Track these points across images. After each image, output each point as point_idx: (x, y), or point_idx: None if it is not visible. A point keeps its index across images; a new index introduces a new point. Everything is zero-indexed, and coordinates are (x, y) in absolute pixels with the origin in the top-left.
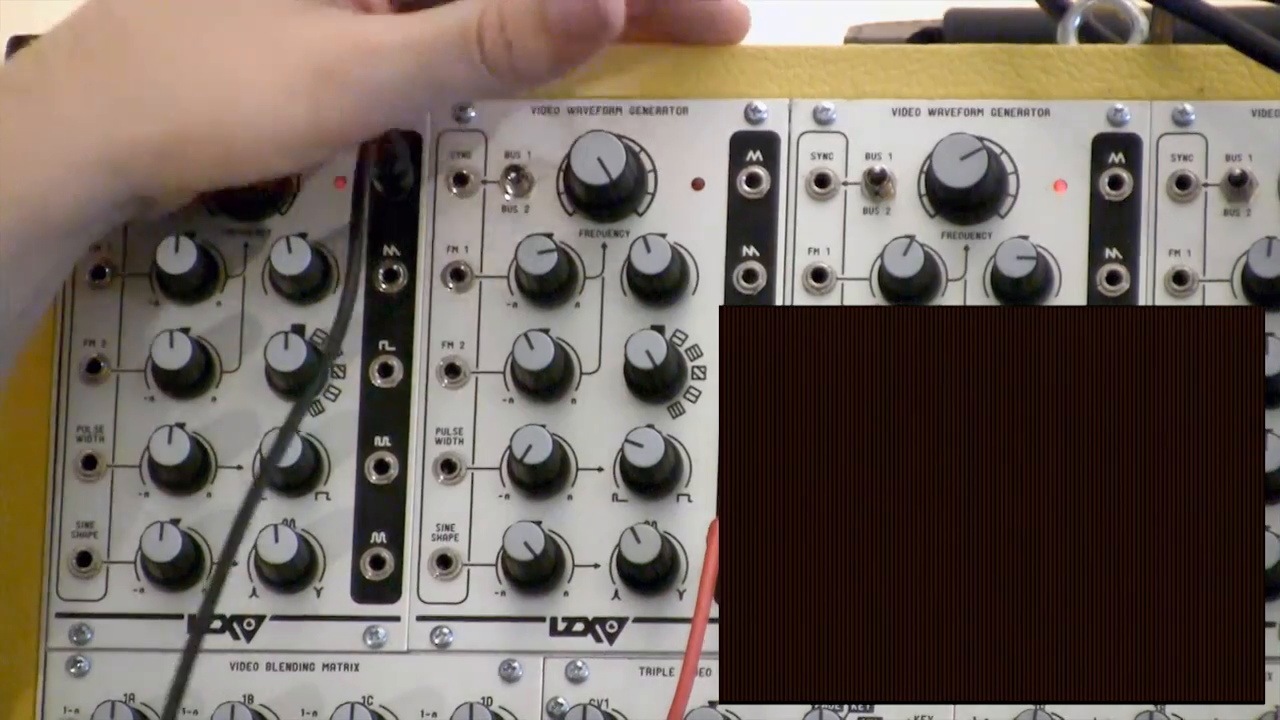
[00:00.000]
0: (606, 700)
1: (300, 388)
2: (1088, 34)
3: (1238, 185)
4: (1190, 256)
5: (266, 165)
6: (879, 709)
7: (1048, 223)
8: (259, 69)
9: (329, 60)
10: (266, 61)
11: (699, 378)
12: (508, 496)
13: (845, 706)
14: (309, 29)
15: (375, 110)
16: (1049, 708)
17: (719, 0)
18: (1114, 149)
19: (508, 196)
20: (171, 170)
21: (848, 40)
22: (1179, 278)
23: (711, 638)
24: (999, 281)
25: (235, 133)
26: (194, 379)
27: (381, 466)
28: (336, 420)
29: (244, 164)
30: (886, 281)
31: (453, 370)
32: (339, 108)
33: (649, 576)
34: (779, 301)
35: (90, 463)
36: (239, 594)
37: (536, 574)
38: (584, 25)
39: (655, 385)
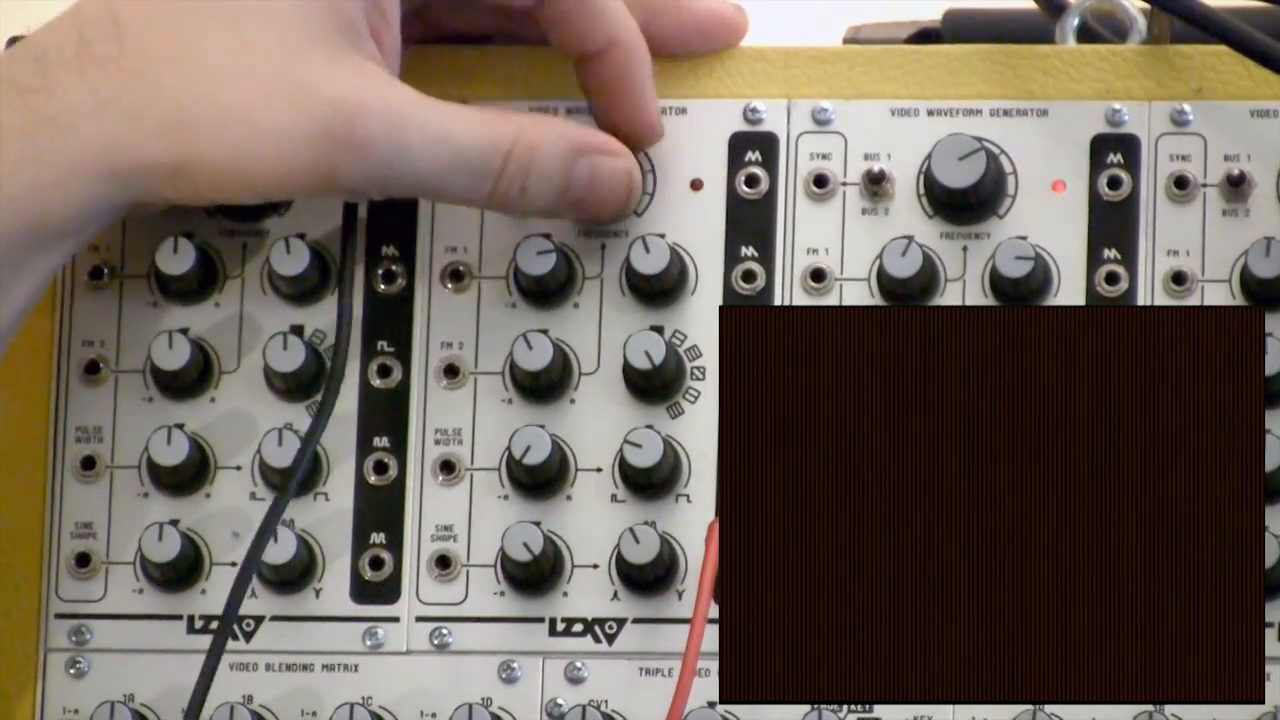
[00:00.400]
0: (606, 701)
1: (300, 388)
2: (1086, 34)
3: (1236, 185)
4: (1189, 257)
5: (268, 197)
6: (878, 709)
7: (1046, 223)
8: (279, 108)
9: (357, 129)
10: (287, 102)
11: (698, 378)
12: (507, 497)
13: (844, 707)
14: (337, 81)
15: (385, 187)
16: (1048, 708)
17: (715, 11)
18: (1112, 149)
19: None
20: (173, 188)
21: (846, 40)
22: (1178, 278)
23: (711, 638)
24: (998, 282)
25: (247, 166)
26: (193, 380)
27: (380, 467)
28: (335, 421)
29: (248, 192)
30: (885, 282)
31: (451, 371)
32: (355, 173)
33: (648, 577)
34: (778, 302)
35: (89, 463)
36: None
37: (535, 575)
38: (601, 208)
39: (654, 386)
